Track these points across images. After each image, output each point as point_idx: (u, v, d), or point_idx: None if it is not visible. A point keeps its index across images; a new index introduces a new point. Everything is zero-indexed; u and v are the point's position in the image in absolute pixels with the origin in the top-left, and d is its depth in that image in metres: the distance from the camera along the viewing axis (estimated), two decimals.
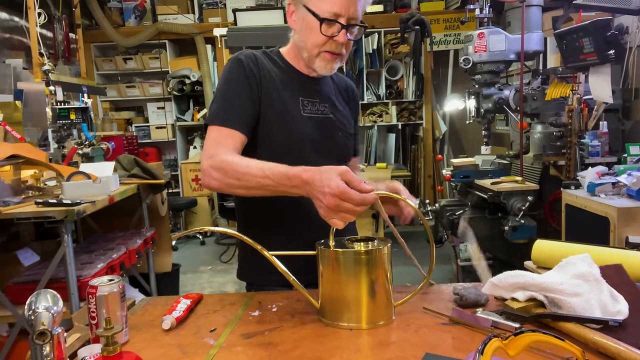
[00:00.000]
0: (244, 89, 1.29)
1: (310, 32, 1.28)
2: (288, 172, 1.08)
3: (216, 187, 1.19)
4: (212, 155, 1.20)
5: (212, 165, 1.18)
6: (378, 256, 1.03)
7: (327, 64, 1.31)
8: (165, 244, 3.56)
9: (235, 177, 1.15)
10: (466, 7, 3.61)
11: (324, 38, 1.26)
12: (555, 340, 0.74)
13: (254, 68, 1.31)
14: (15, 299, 2.25)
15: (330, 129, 1.39)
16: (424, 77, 5.82)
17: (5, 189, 2.39)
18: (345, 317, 1.03)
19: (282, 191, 1.11)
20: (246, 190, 1.16)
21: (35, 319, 0.77)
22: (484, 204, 3.14)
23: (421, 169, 5.99)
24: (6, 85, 3.52)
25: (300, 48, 1.33)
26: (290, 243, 1.19)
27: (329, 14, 1.24)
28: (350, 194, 0.98)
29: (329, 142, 1.38)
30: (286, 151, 1.30)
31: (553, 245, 1.33)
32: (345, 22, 1.26)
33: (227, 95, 1.29)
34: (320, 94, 1.40)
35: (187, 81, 5.96)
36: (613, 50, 2.45)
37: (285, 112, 1.32)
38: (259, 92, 1.30)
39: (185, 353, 0.95)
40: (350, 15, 1.25)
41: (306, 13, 1.27)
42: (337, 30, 1.26)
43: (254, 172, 1.13)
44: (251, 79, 1.30)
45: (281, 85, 1.34)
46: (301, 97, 1.36)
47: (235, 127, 1.25)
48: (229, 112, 1.27)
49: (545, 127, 3.20)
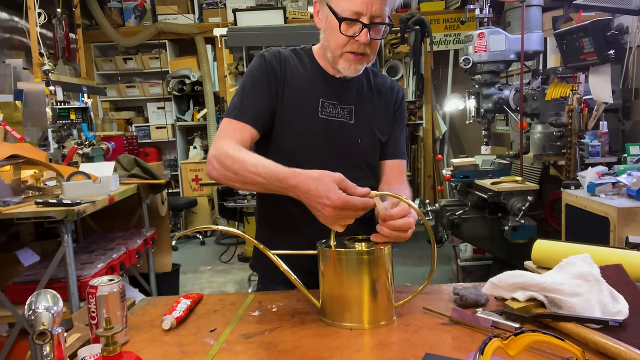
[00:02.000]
0: (263, 86, 1.29)
1: (332, 31, 1.24)
2: (279, 174, 1.07)
3: (216, 177, 1.19)
4: (218, 146, 1.20)
5: (215, 155, 1.19)
6: (379, 256, 1.03)
7: (350, 65, 1.26)
8: (165, 244, 3.56)
9: (232, 170, 1.15)
10: (466, 7, 3.61)
11: (345, 38, 1.22)
12: (555, 340, 0.74)
13: (275, 65, 1.30)
14: (15, 299, 2.25)
15: (348, 133, 1.33)
16: (424, 77, 5.82)
17: (5, 189, 2.39)
18: (346, 317, 1.03)
19: (274, 190, 1.10)
20: (241, 184, 1.16)
21: (35, 319, 0.77)
22: (484, 204, 3.14)
23: (421, 169, 5.99)
24: (6, 85, 3.52)
25: (325, 48, 1.30)
26: (311, 247, 1.12)
27: (349, 12, 1.19)
28: (353, 203, 0.98)
29: (345, 146, 1.33)
30: (299, 152, 1.28)
31: (553, 245, 1.33)
32: (368, 21, 1.20)
33: (245, 90, 1.29)
34: (343, 96, 1.34)
35: (187, 81, 5.96)
36: (613, 50, 2.45)
37: (302, 113, 1.30)
38: (277, 90, 1.29)
39: (185, 353, 0.95)
40: (373, 13, 1.19)
41: (329, 12, 1.23)
42: (358, 30, 1.21)
43: (248, 167, 1.12)
44: (271, 76, 1.29)
45: (304, 85, 1.32)
46: (322, 98, 1.32)
47: (246, 120, 1.25)
48: (243, 107, 1.27)
49: (545, 127, 3.20)
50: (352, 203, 0.98)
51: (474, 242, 3.52)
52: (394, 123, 1.43)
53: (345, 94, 1.34)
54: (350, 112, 1.34)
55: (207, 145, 6.21)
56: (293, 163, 1.09)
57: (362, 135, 1.35)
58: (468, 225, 3.20)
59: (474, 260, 3.97)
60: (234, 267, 4.76)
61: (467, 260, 3.98)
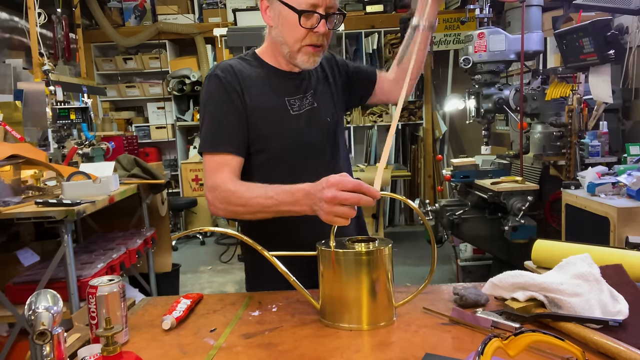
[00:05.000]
0: (227, 106, 1.26)
1: (288, 26, 1.24)
2: (291, 188, 1.10)
3: (223, 215, 1.22)
4: (214, 187, 1.21)
5: (216, 197, 1.21)
6: (379, 257, 1.03)
7: (309, 58, 1.28)
8: (165, 244, 3.56)
9: (239, 204, 1.17)
10: (466, 7, 3.61)
11: (304, 31, 1.23)
12: (555, 340, 0.74)
13: (232, 80, 1.27)
14: (15, 299, 2.25)
15: (319, 117, 1.36)
16: (424, 77, 5.82)
17: (5, 189, 2.39)
18: (345, 318, 1.03)
19: (285, 210, 1.13)
20: (252, 215, 1.19)
21: (35, 319, 0.77)
22: (484, 204, 3.14)
23: (421, 169, 5.99)
24: (6, 85, 3.52)
25: (280, 44, 1.29)
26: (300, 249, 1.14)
27: (306, 5, 1.21)
28: (345, 183, 1.00)
29: (322, 130, 1.36)
30: (285, 154, 1.29)
31: (553, 245, 1.33)
32: (324, 12, 1.23)
33: (213, 116, 1.27)
34: (304, 87, 1.36)
35: (187, 81, 5.96)
36: (613, 50, 2.45)
37: (275, 116, 1.30)
38: (242, 103, 1.27)
39: (185, 353, 0.95)
40: (328, 4, 1.22)
41: (282, 7, 1.24)
42: (316, 21, 1.23)
43: (255, 197, 1.15)
44: (232, 93, 1.26)
45: (264, 89, 1.31)
46: (287, 97, 1.33)
47: (227, 150, 1.24)
48: (218, 136, 1.25)
49: (545, 127, 3.20)
50: (344, 183, 0.99)
51: (474, 242, 3.51)
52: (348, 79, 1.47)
53: (303, 84, 1.37)
54: (313, 97, 1.37)
55: None
56: (285, 164, 1.11)
57: (328, 114, 1.39)
58: (468, 225, 3.20)
59: (474, 260, 3.97)
60: (234, 267, 4.76)
61: (467, 260, 3.98)
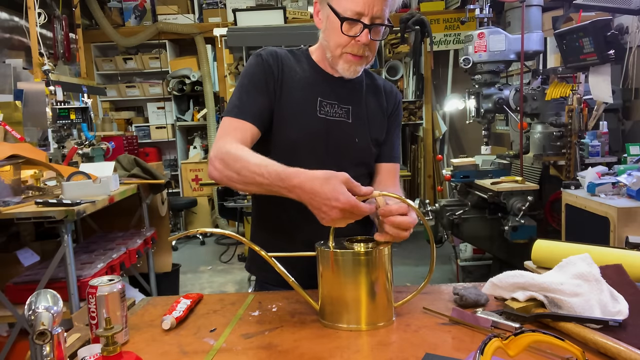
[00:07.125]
0: (261, 84, 1.28)
1: (332, 31, 1.24)
2: (281, 173, 1.05)
3: (217, 178, 1.16)
4: (219, 146, 1.18)
5: (217, 155, 1.17)
6: (378, 257, 1.03)
7: (350, 66, 1.27)
8: (165, 244, 3.55)
9: (234, 169, 1.13)
10: (466, 7, 3.61)
11: (346, 38, 1.23)
12: (555, 340, 0.74)
13: (272, 64, 1.30)
14: (15, 299, 2.25)
15: (346, 133, 1.33)
16: (424, 77, 5.82)
17: (5, 189, 2.39)
18: (345, 318, 1.02)
19: (276, 192, 1.07)
20: (243, 185, 1.13)
21: (35, 319, 0.77)
22: (484, 204, 3.14)
23: (421, 169, 5.99)
24: (6, 85, 3.52)
25: (324, 48, 1.30)
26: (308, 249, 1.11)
27: (351, 12, 1.20)
28: (360, 208, 0.97)
29: (344, 146, 1.33)
30: (298, 151, 1.28)
31: (553, 245, 1.33)
32: (369, 22, 1.21)
33: (244, 89, 1.29)
34: (342, 96, 1.34)
35: (187, 81, 5.97)
36: (613, 50, 2.45)
37: (300, 112, 1.30)
38: (275, 88, 1.29)
39: (185, 353, 0.95)
40: (374, 14, 1.20)
41: (330, 12, 1.23)
42: (359, 30, 1.21)
43: (251, 166, 1.10)
44: (269, 74, 1.29)
45: (301, 85, 1.31)
46: (320, 97, 1.31)
47: (246, 118, 1.24)
48: (242, 105, 1.26)
49: (545, 127, 3.20)
50: (359, 208, 0.97)
51: (474, 242, 3.52)
52: (390, 125, 1.43)
53: (343, 94, 1.34)
54: (348, 112, 1.34)
55: (207, 145, 6.22)
56: (292, 162, 1.08)
57: (360, 135, 1.35)
58: (468, 225, 3.21)
59: (474, 260, 3.97)
60: (234, 267, 4.76)
61: (467, 260, 3.98)
